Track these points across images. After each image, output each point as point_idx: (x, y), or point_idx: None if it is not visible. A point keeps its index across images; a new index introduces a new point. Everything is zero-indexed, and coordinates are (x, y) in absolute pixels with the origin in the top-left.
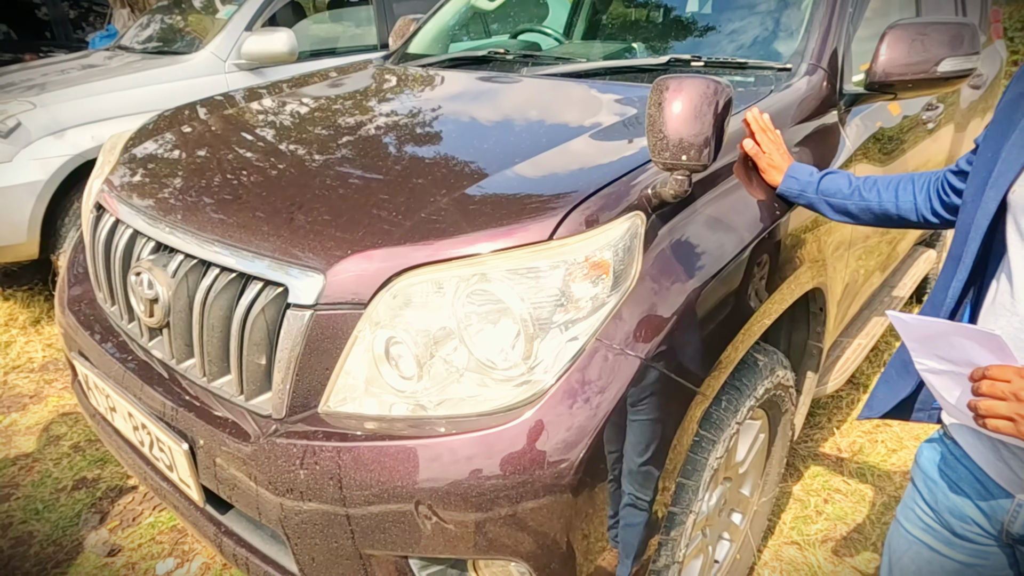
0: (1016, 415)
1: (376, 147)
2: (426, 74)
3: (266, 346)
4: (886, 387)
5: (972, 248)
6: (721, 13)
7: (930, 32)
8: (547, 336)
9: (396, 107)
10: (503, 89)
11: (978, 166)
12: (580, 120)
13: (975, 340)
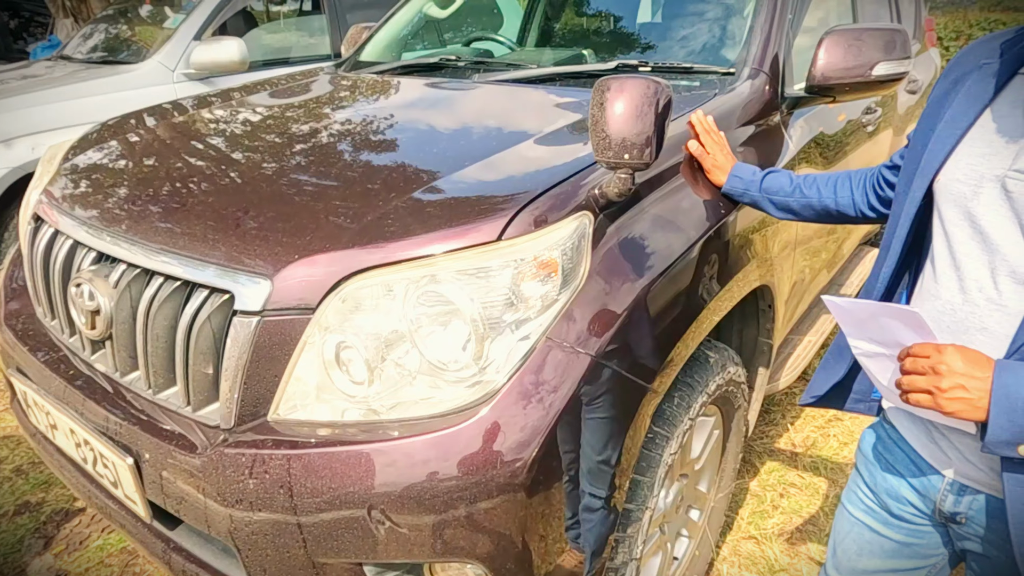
0: (933, 387)
1: (326, 153)
2: (378, 80)
3: (213, 355)
4: (823, 372)
5: (900, 235)
6: (667, 21)
7: (864, 38)
8: (498, 336)
9: (347, 113)
10: (454, 95)
11: (909, 159)
12: (530, 124)
13: (899, 319)
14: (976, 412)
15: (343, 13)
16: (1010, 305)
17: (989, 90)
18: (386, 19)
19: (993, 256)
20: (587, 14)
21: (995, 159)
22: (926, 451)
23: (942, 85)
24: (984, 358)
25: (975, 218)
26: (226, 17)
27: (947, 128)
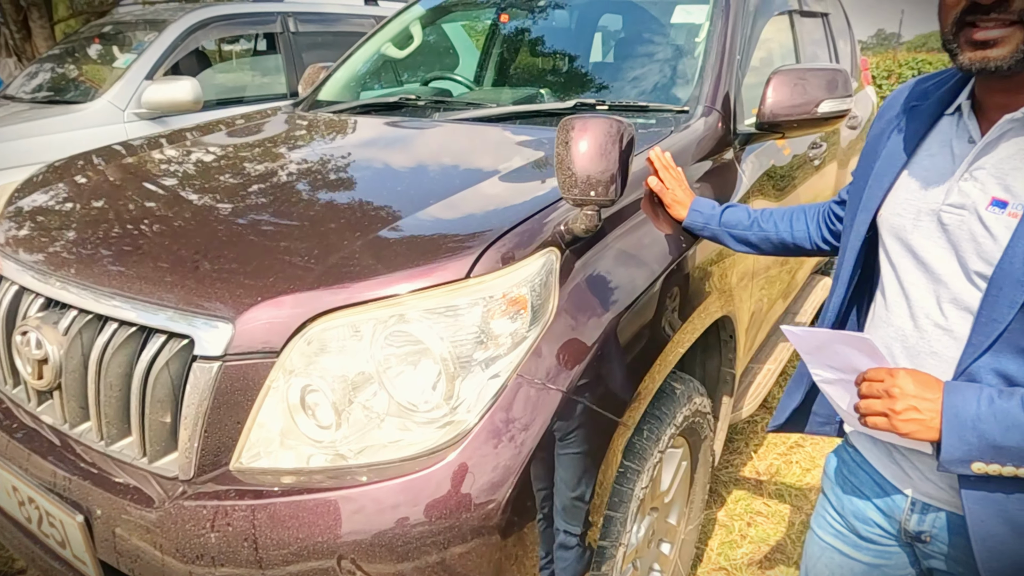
0: (888, 410)
1: (287, 193)
2: (337, 120)
3: (171, 403)
4: (788, 398)
5: (847, 267)
6: (621, 61)
7: (808, 77)
8: (468, 375)
9: (307, 153)
10: (415, 134)
11: (852, 194)
12: (492, 162)
13: (852, 345)
14: (929, 432)
15: (299, 52)
16: (956, 330)
17: (921, 130)
18: (344, 59)
19: (937, 285)
20: (543, 54)
21: (930, 194)
22: (888, 472)
23: (878, 124)
24: (934, 380)
25: (916, 249)
26: (179, 57)
27: (885, 165)
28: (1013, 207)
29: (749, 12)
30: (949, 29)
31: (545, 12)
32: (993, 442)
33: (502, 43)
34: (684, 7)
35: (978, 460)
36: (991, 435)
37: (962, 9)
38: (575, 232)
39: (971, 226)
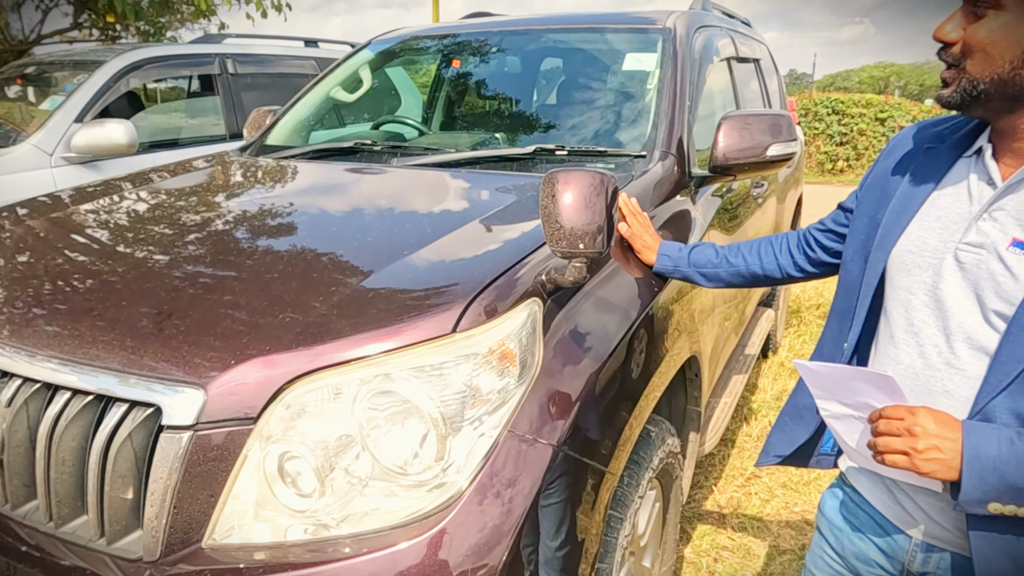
0: (910, 449)
1: (252, 246)
2: (293, 166)
3: (134, 477)
4: (781, 434)
5: (864, 304)
6: (577, 107)
7: (754, 122)
8: (459, 434)
9: (267, 201)
10: (377, 180)
11: (855, 230)
12: (461, 210)
13: (870, 382)
14: (950, 472)
15: (238, 93)
16: (969, 369)
17: (939, 171)
18: (292, 103)
19: (948, 322)
20: (498, 99)
21: (946, 233)
22: (890, 512)
23: (885, 162)
24: (953, 420)
25: (931, 287)
26: (110, 99)
27: (901, 204)
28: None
29: (694, 60)
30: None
31: (500, 58)
32: (1013, 484)
33: (456, 88)
34: (634, 55)
35: (995, 501)
36: (1011, 477)
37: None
38: (561, 283)
39: (990, 265)
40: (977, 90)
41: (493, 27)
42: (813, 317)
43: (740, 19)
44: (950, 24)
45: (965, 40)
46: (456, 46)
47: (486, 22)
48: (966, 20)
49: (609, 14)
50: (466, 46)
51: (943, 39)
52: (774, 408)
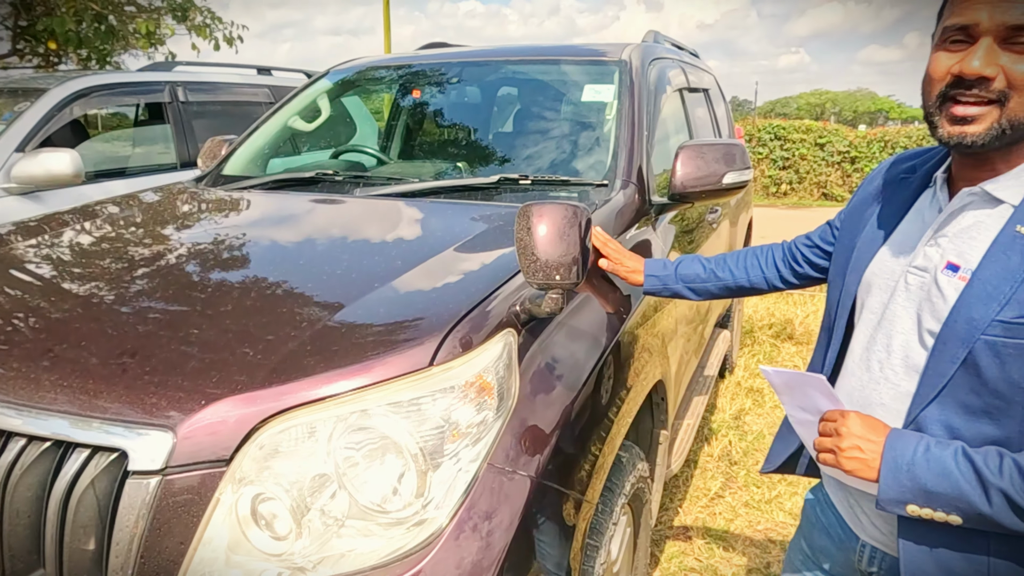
0: (836, 447)
1: (219, 281)
2: (254, 197)
3: (97, 527)
4: (780, 442)
5: (841, 322)
6: (538, 137)
7: (710, 152)
8: (439, 469)
9: (232, 234)
10: (342, 211)
11: (838, 251)
12: (430, 240)
13: (811, 385)
14: (870, 472)
15: (189, 121)
16: (902, 385)
17: (907, 201)
18: (250, 132)
19: (892, 340)
20: (456, 128)
21: (903, 258)
22: (847, 515)
23: (865, 190)
24: (881, 425)
25: (884, 306)
26: (53, 128)
27: (873, 231)
28: (963, 271)
29: (650, 90)
30: (933, 102)
31: (461, 89)
32: (925, 487)
33: (418, 119)
34: (593, 87)
35: (912, 503)
36: (923, 480)
37: (947, 84)
38: (537, 314)
39: (929, 288)
40: (1015, 129)
41: (453, 58)
42: (766, 337)
43: (688, 50)
44: (979, 60)
45: (1011, 76)
46: (416, 76)
47: (446, 53)
48: (998, 55)
49: (566, 47)
50: (426, 76)
51: (982, 74)
52: (733, 428)
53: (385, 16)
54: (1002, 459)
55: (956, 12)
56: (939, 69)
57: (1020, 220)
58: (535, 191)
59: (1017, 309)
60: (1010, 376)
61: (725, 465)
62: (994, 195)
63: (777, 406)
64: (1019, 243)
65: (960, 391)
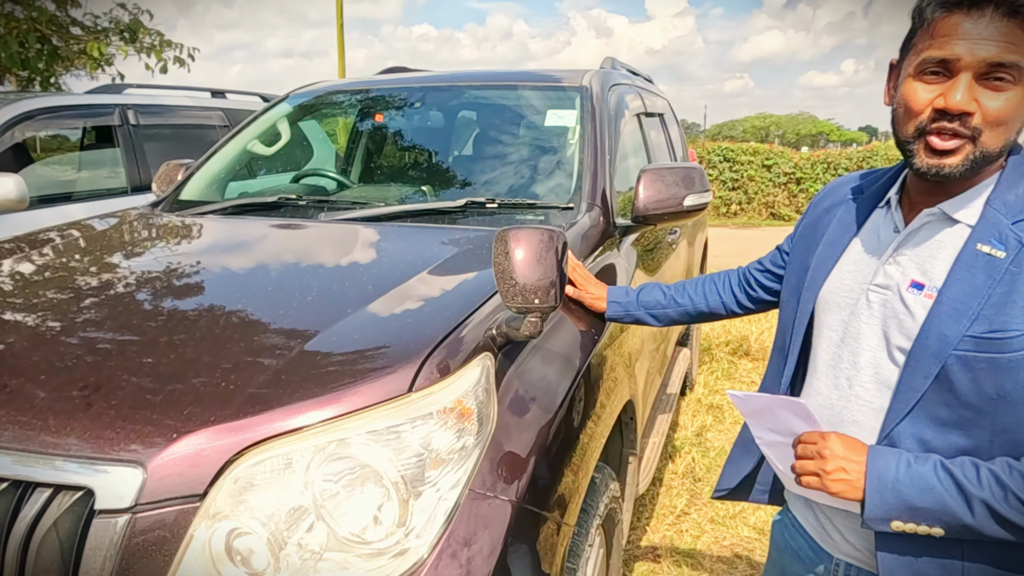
0: (820, 470)
1: (186, 309)
2: (216, 222)
3: (60, 570)
4: (732, 466)
5: (797, 341)
6: (501, 160)
7: (670, 175)
8: (420, 497)
9: (197, 260)
10: (309, 236)
11: (790, 273)
12: (401, 265)
13: (789, 409)
14: (855, 492)
15: (140, 146)
16: (874, 401)
17: (859, 220)
18: (208, 156)
19: (859, 357)
20: (421, 152)
21: (861, 275)
22: (817, 535)
23: (814, 211)
24: (860, 444)
25: (846, 324)
26: None
27: (826, 250)
28: (928, 289)
29: (610, 115)
30: (912, 133)
31: (424, 113)
32: (910, 503)
33: (381, 143)
34: (555, 112)
35: (896, 519)
36: (908, 497)
37: (928, 117)
38: (516, 338)
39: (894, 304)
40: (985, 161)
41: (416, 83)
42: (723, 354)
43: (643, 76)
44: (961, 95)
45: (986, 112)
46: (379, 101)
47: (408, 77)
48: (977, 90)
49: (528, 72)
50: (389, 101)
51: (965, 110)
52: (696, 445)
53: (339, 39)
54: (978, 469)
55: (936, 45)
56: (919, 101)
57: (980, 239)
58: (502, 215)
59: (986, 324)
60: (982, 388)
61: (689, 482)
62: (951, 215)
63: (738, 422)
64: (982, 261)
65: (932, 405)
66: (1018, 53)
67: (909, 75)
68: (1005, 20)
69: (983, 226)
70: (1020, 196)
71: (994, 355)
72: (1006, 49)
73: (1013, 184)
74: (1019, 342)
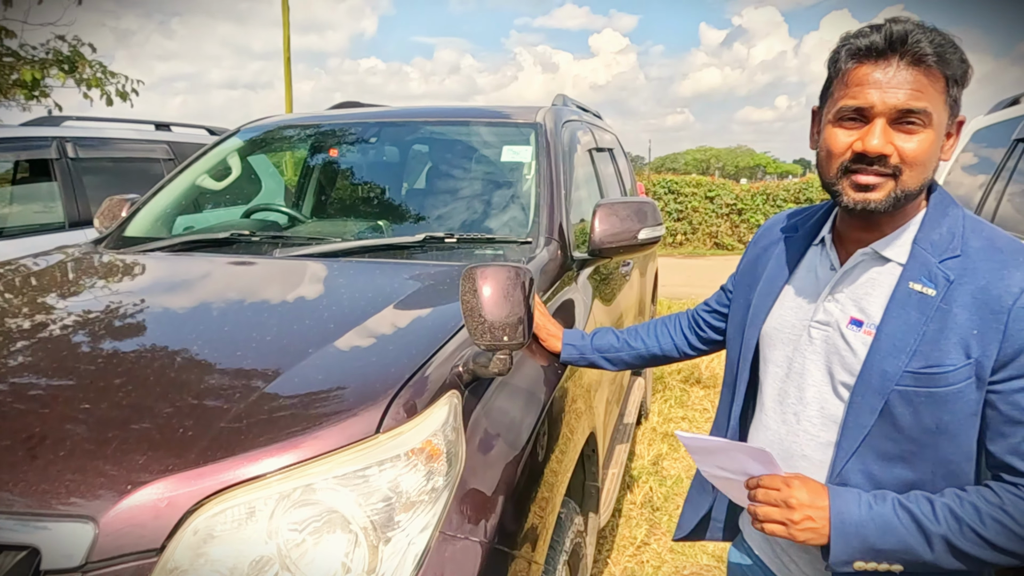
0: (787, 520)
1: (138, 352)
2: (165, 260)
3: None
4: (690, 507)
5: (743, 377)
6: (457, 195)
7: (624, 209)
8: (391, 542)
9: (147, 300)
10: (264, 273)
11: (734, 310)
12: (362, 302)
13: (748, 455)
14: (821, 538)
15: (79, 180)
16: (821, 436)
17: (795, 257)
18: (155, 191)
19: (805, 392)
20: (379, 188)
21: (801, 312)
22: (774, 566)
23: (753, 250)
24: (821, 487)
25: (791, 360)
26: None
27: (766, 287)
28: (867, 326)
29: (564, 151)
30: (835, 174)
31: (380, 148)
32: (872, 545)
33: (335, 178)
34: (511, 147)
35: (859, 560)
36: (871, 539)
37: (849, 159)
38: (484, 375)
39: (835, 341)
40: (907, 198)
41: (369, 118)
42: (676, 382)
43: (592, 112)
44: (877, 139)
45: (903, 154)
46: (333, 135)
47: (361, 112)
48: (892, 134)
49: (483, 109)
50: (344, 136)
51: (881, 153)
52: (653, 474)
53: (286, 72)
54: (933, 505)
55: (850, 95)
56: (839, 145)
57: (911, 277)
58: (461, 249)
59: (923, 360)
60: (922, 422)
61: (648, 511)
62: (883, 254)
63: None
64: (915, 299)
65: (877, 439)
66: (925, 100)
67: (829, 121)
68: (911, 69)
69: (913, 265)
70: (944, 235)
71: (932, 389)
72: (914, 96)
73: (936, 223)
74: (953, 376)
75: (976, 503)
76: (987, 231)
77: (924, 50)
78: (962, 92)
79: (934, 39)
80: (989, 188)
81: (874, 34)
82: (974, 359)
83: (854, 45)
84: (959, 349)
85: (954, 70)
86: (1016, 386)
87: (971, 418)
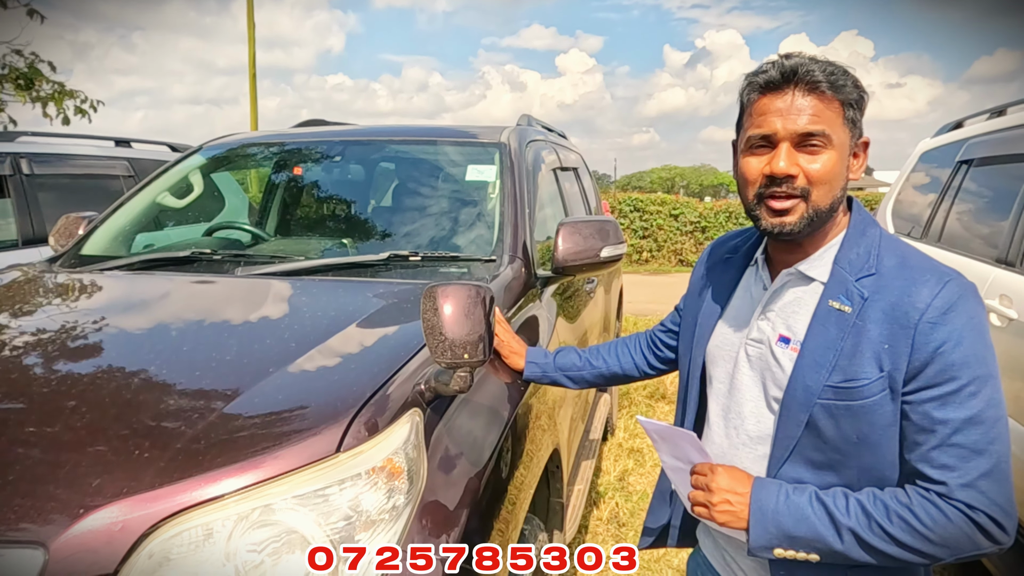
0: (708, 502)
1: (93, 374)
2: (123, 279)
3: None
4: (652, 516)
5: (693, 394)
6: (422, 214)
7: (587, 228)
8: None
9: (103, 320)
10: (225, 292)
11: (683, 329)
12: (324, 321)
13: (683, 439)
14: (740, 522)
15: (34, 197)
16: (758, 449)
17: (735, 278)
18: (113, 209)
19: (743, 407)
20: (342, 206)
21: (739, 331)
22: (720, 566)
23: (699, 270)
24: (746, 477)
25: (732, 376)
26: None
27: (709, 307)
28: (793, 343)
29: (528, 170)
30: (753, 201)
31: (344, 167)
32: (788, 532)
33: (300, 196)
34: (475, 167)
35: (778, 547)
36: (786, 526)
37: (761, 184)
38: (445, 393)
39: (767, 358)
40: (819, 216)
41: (335, 136)
42: (641, 398)
43: (557, 132)
44: (783, 161)
45: (808, 174)
46: (298, 153)
47: (327, 131)
48: (796, 156)
49: (448, 128)
50: (309, 154)
51: (788, 173)
52: (619, 490)
53: (251, 88)
54: (847, 499)
55: (755, 124)
56: (752, 172)
57: (830, 295)
58: (426, 268)
59: (842, 374)
60: (844, 433)
61: (614, 527)
62: (807, 274)
63: (658, 465)
64: (834, 316)
65: (806, 450)
66: (823, 123)
67: (742, 151)
68: (807, 96)
69: (832, 283)
70: (860, 255)
71: (849, 403)
72: (812, 120)
73: (855, 243)
74: (868, 389)
75: (887, 502)
76: (901, 250)
77: (816, 78)
78: (861, 115)
79: (825, 68)
80: (936, 206)
81: (771, 69)
82: (886, 372)
83: (755, 81)
84: (873, 363)
85: (847, 94)
86: (924, 396)
87: (889, 428)
